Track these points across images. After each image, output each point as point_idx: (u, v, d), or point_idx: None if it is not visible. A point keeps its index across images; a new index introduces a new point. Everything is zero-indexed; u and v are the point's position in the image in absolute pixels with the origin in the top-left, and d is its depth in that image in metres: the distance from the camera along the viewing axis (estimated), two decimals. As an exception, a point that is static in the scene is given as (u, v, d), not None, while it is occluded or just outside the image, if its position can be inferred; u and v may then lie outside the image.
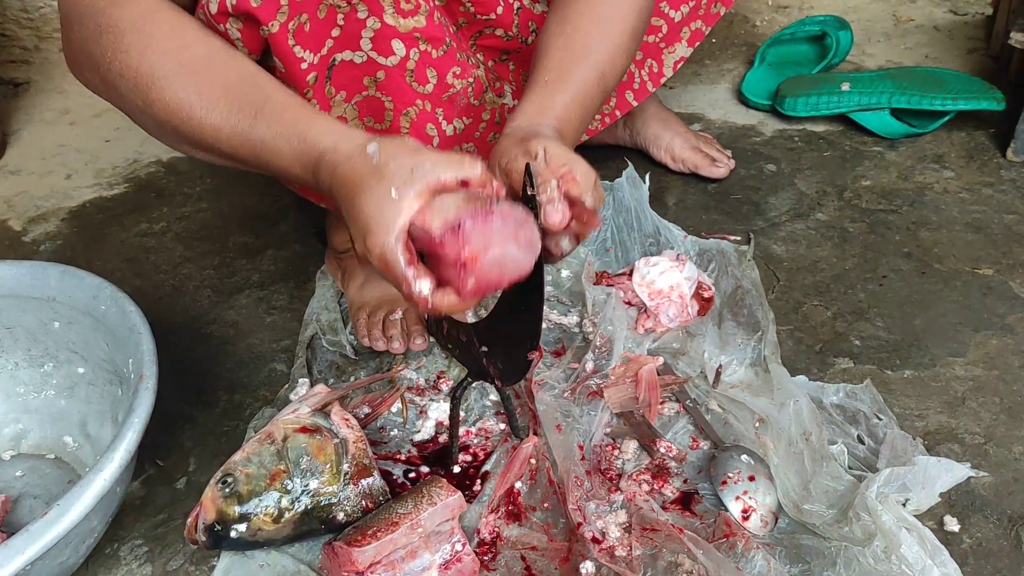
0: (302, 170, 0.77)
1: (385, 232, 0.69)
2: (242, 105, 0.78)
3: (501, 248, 0.70)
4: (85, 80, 0.85)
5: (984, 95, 1.47)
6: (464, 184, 0.71)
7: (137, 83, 0.79)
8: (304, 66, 0.89)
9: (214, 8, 0.84)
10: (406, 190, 0.69)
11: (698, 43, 1.27)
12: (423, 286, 0.70)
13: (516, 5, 1.05)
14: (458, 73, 0.99)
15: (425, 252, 0.72)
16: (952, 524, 0.90)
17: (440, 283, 0.71)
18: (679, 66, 1.28)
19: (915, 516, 0.85)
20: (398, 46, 0.92)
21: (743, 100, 1.65)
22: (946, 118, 1.51)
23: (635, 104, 1.28)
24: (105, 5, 0.80)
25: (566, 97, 0.89)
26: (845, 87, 1.53)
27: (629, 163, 1.33)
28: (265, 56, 0.90)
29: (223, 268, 1.33)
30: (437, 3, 0.97)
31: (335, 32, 0.90)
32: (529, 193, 0.74)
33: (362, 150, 0.73)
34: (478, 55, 1.06)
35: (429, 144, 1.01)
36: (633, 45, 0.96)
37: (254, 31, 0.86)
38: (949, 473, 0.89)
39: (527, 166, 0.75)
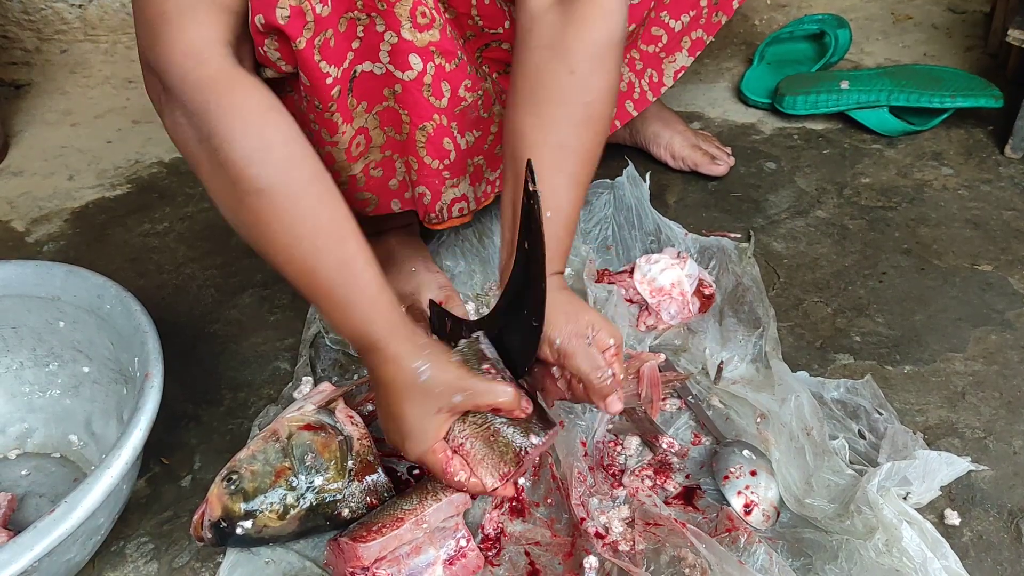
0: (356, 340, 0.85)
1: (424, 442, 0.83)
2: (326, 255, 0.81)
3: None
4: (174, 134, 0.83)
5: (982, 92, 1.48)
6: (496, 411, 0.83)
7: (238, 181, 0.78)
8: (329, 81, 0.90)
9: (257, 24, 0.84)
10: (446, 416, 0.83)
11: (699, 52, 1.28)
12: (461, 476, 0.83)
13: None
14: (469, 86, 0.99)
15: None
16: (953, 517, 0.91)
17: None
18: (680, 75, 1.28)
19: (916, 510, 0.86)
20: (415, 61, 0.93)
21: (742, 98, 1.66)
22: (944, 115, 1.51)
23: (635, 114, 1.29)
24: (210, 85, 0.78)
25: (561, 232, 0.89)
26: (844, 85, 1.53)
27: (629, 162, 1.34)
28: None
29: (226, 267, 1.33)
30: (447, 16, 0.98)
31: (355, 44, 0.91)
32: (531, 189, 0.75)
33: (411, 359, 0.81)
34: (484, 67, 1.06)
35: (447, 158, 1.02)
36: (603, 142, 0.94)
37: (288, 47, 0.86)
38: (949, 467, 0.89)
39: (528, 163, 0.76)
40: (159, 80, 0.80)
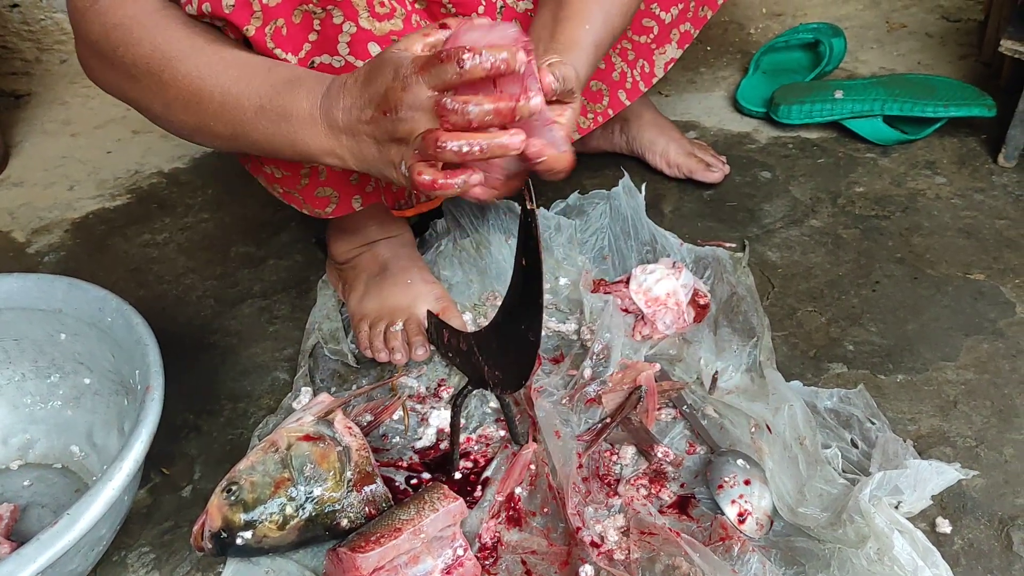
0: (308, 103, 0.80)
1: (411, 40, 0.74)
2: (252, 69, 0.85)
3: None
4: (100, 80, 0.92)
5: (975, 102, 1.49)
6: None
7: (150, 67, 0.86)
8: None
9: (192, 11, 0.87)
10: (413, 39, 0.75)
11: (687, 45, 1.29)
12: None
13: (499, 4, 1.06)
14: None
15: None
16: (944, 526, 0.92)
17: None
18: (670, 67, 1.30)
19: (907, 518, 0.87)
20: (375, 49, 0.94)
21: (738, 108, 1.67)
22: (938, 124, 1.53)
23: (628, 103, 1.30)
24: (107, 6, 0.86)
25: (591, 49, 0.93)
26: (838, 95, 1.55)
27: (625, 172, 1.35)
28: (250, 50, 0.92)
29: (225, 278, 1.35)
30: (417, 6, 0.98)
31: (312, 36, 0.92)
32: (528, 207, 0.75)
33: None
34: None
35: None
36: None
37: (238, 32, 0.89)
38: (941, 476, 0.90)
39: (527, 182, 0.77)
40: (76, 34, 0.91)
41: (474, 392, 1.03)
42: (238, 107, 0.84)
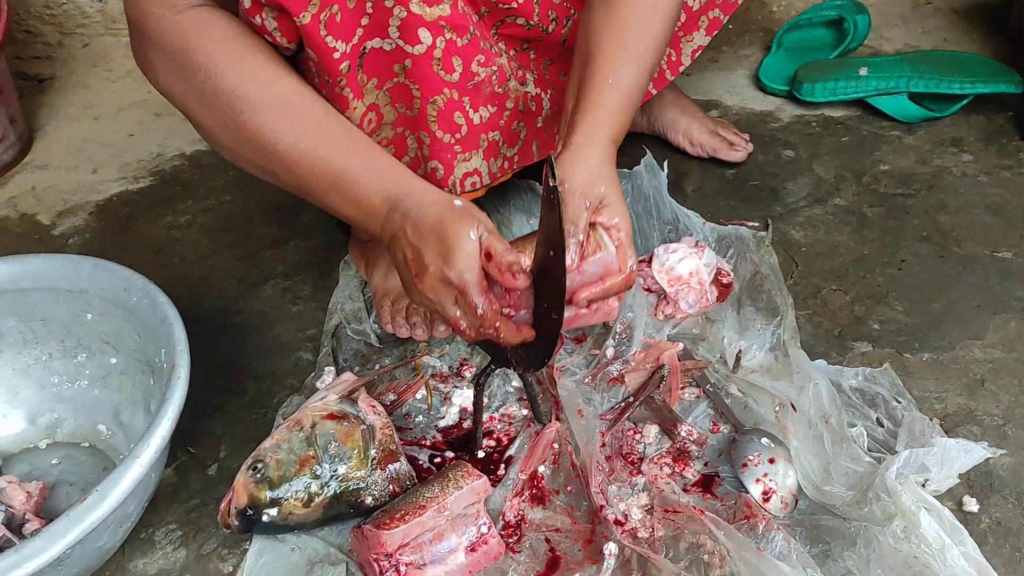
0: (381, 202, 0.85)
1: (469, 260, 0.79)
2: (335, 139, 0.87)
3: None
4: (165, 86, 0.90)
5: (1002, 78, 1.47)
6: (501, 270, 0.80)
7: (231, 104, 0.85)
8: (337, 55, 0.91)
9: (247, 3, 0.86)
10: (489, 238, 0.80)
11: (716, 32, 1.28)
12: (494, 309, 0.80)
13: None
14: (482, 61, 1.00)
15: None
16: (971, 504, 0.91)
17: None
18: (697, 54, 1.28)
19: (934, 497, 0.86)
20: (424, 35, 0.94)
21: (760, 86, 1.65)
22: (964, 101, 1.50)
23: (654, 92, 1.29)
24: (190, 22, 0.86)
25: (620, 99, 0.94)
26: (863, 72, 1.53)
27: (647, 151, 1.34)
28: (301, 46, 0.91)
29: (248, 259, 1.35)
30: None
31: (364, 20, 0.92)
32: (551, 184, 0.75)
33: (451, 200, 0.83)
34: (500, 44, 1.07)
35: (458, 132, 1.03)
36: (671, 31, 1.00)
37: (290, 21, 0.88)
38: (968, 454, 0.90)
39: (548, 156, 0.76)
40: (142, 34, 0.87)
41: (497, 371, 1.03)
42: (312, 173, 0.87)
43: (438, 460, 1.00)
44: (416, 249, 0.81)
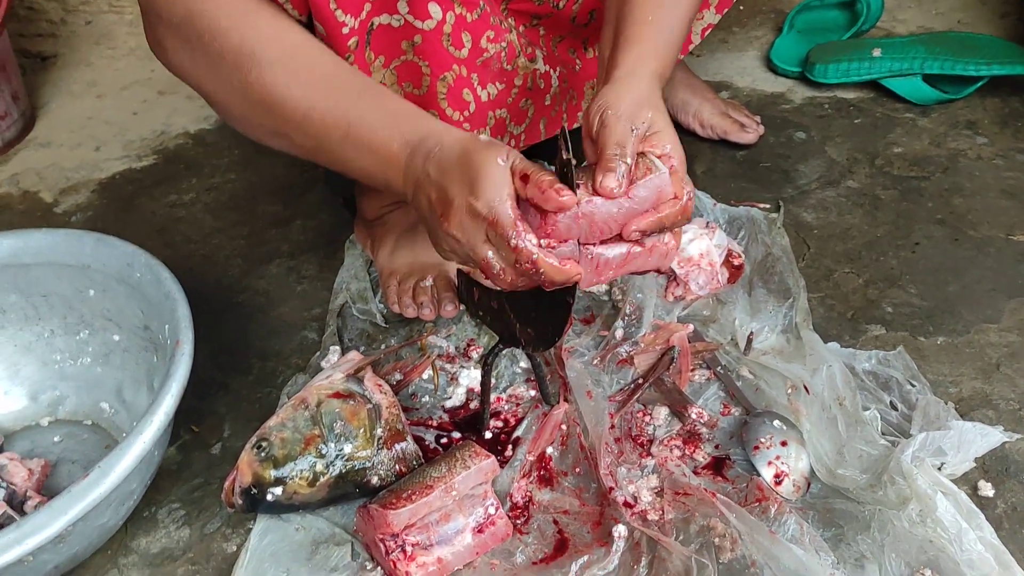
0: (400, 146, 0.79)
1: (499, 186, 0.72)
2: (344, 87, 0.83)
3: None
4: (177, 65, 0.88)
5: (1018, 60, 1.45)
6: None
7: (238, 64, 0.82)
8: (345, 31, 0.89)
9: None
10: (523, 162, 0.73)
11: (727, 9, 1.25)
12: (529, 240, 0.72)
13: None
14: (492, 37, 0.98)
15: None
16: (986, 489, 0.89)
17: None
18: (707, 33, 1.26)
19: (950, 480, 0.85)
20: (435, 9, 0.92)
21: (772, 67, 1.63)
22: (979, 84, 1.48)
23: None
24: None
25: (662, 37, 0.88)
26: (876, 53, 1.51)
27: (658, 131, 1.32)
28: (311, 20, 0.90)
29: (253, 238, 1.34)
30: None
31: None
32: (564, 158, 0.73)
33: (474, 135, 0.76)
34: (509, 20, 1.05)
35: (467, 110, 1.01)
36: None
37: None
38: (984, 438, 0.88)
39: (563, 131, 0.74)
40: (150, 12, 0.85)
41: (504, 351, 1.01)
42: (323, 125, 0.83)
43: (444, 440, 0.99)
44: (440, 187, 0.75)
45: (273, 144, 0.90)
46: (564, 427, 0.98)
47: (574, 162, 0.73)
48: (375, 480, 0.89)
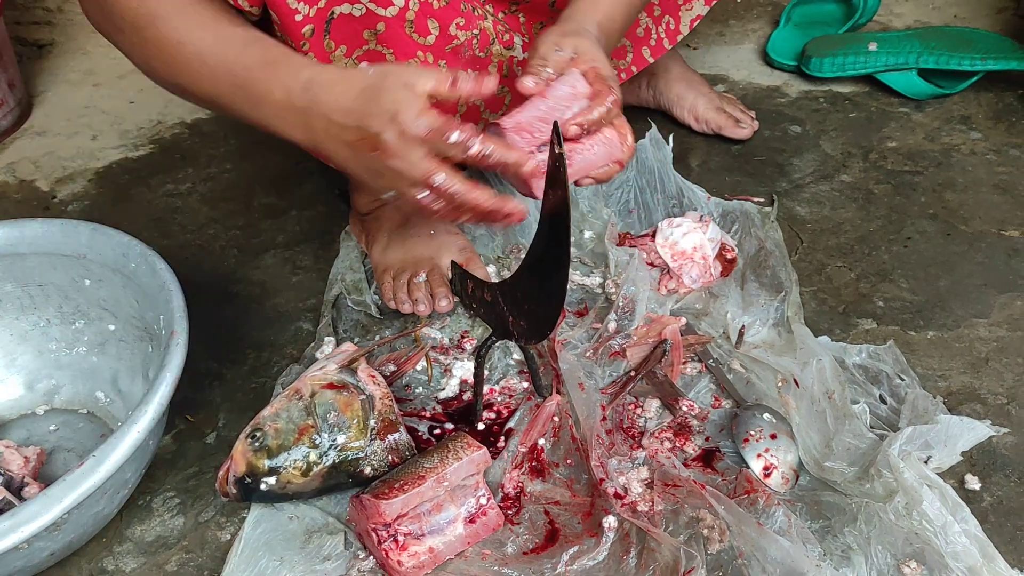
0: (281, 94, 0.80)
1: (417, 105, 0.73)
2: (230, 37, 0.85)
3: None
4: (96, 26, 0.91)
5: (1013, 55, 1.46)
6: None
7: (136, 22, 0.85)
8: (299, 18, 0.89)
9: None
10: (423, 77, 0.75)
11: (715, 1, 1.26)
12: (469, 126, 0.74)
13: None
14: (462, 24, 0.98)
15: None
16: (973, 483, 0.90)
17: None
18: (695, 24, 1.27)
19: (936, 474, 0.86)
20: None
21: (768, 61, 1.64)
22: (974, 78, 1.49)
23: (651, 60, 1.27)
24: None
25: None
26: (872, 47, 1.51)
27: (652, 124, 1.33)
28: (265, 10, 0.90)
29: (248, 228, 1.34)
30: None
31: None
32: (556, 151, 0.74)
33: (355, 68, 0.79)
34: (487, 7, 1.05)
35: None
36: None
37: None
38: (971, 432, 0.89)
39: (555, 124, 0.75)
40: None
41: (498, 343, 1.02)
42: (214, 78, 0.84)
43: (437, 431, 1.00)
44: (357, 128, 0.75)
45: (184, 98, 0.93)
46: (556, 419, 0.99)
47: (567, 156, 0.74)
48: (368, 470, 0.90)
